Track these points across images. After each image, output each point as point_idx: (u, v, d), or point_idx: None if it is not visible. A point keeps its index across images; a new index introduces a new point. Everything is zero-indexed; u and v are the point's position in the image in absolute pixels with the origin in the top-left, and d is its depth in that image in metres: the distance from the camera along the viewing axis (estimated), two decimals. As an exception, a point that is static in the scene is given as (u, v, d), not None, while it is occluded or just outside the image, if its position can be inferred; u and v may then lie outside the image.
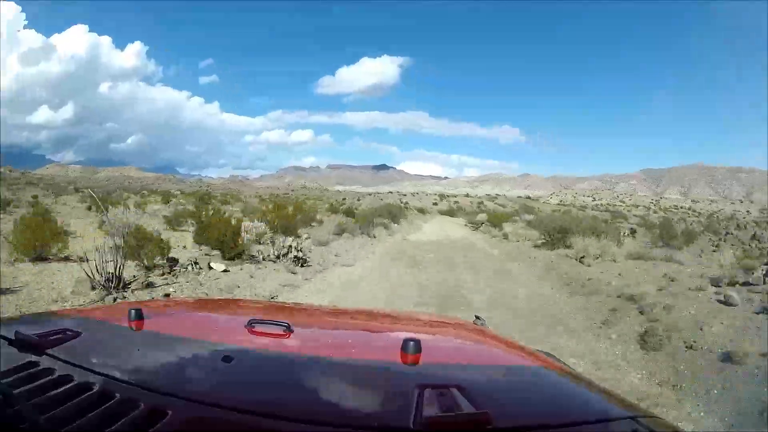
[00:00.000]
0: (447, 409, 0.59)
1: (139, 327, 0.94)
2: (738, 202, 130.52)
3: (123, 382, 0.65)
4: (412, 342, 0.81)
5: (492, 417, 0.56)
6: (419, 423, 0.55)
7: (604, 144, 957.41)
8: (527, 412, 0.68)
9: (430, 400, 0.61)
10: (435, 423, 0.55)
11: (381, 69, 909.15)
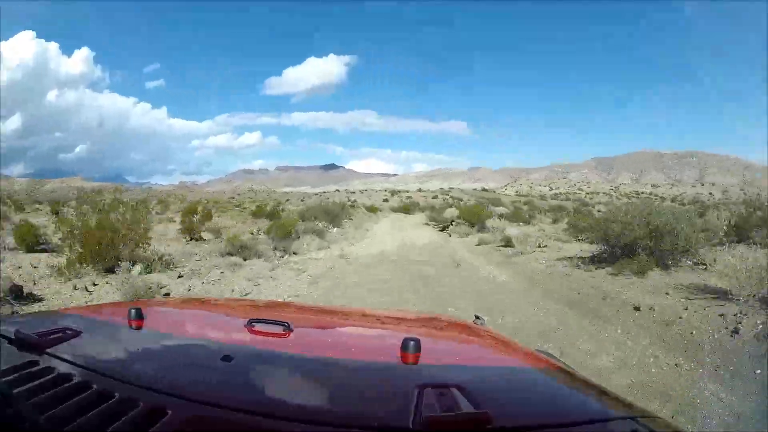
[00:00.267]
0: (447, 409, 0.58)
1: (139, 326, 0.94)
2: (699, 185, 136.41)
3: (123, 381, 0.65)
4: (412, 342, 0.81)
5: (492, 417, 0.56)
6: (419, 423, 0.55)
7: (553, 134, 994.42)
8: (527, 412, 0.68)
9: (429, 400, 0.61)
10: (435, 423, 0.55)
11: (328, 68, 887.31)
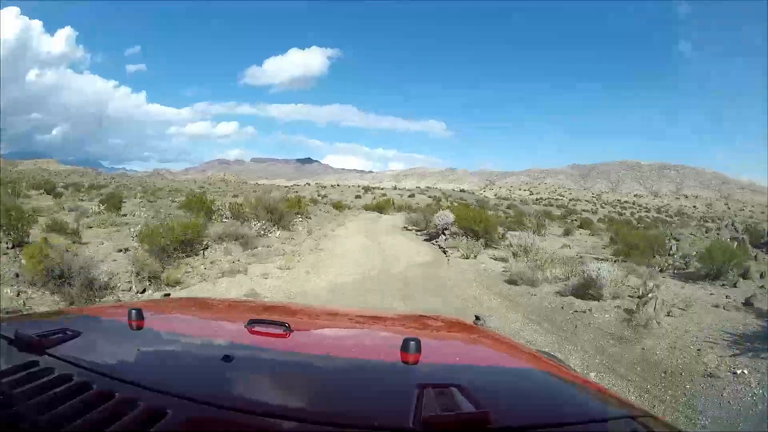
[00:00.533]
0: (447, 409, 0.58)
1: (139, 327, 0.93)
2: (683, 197, 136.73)
3: (123, 381, 0.64)
4: (412, 342, 0.81)
5: (492, 417, 0.56)
6: (419, 422, 0.55)
7: (530, 140, 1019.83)
8: (527, 411, 0.68)
9: (430, 399, 0.61)
10: (435, 423, 0.55)
11: (310, 61, 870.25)
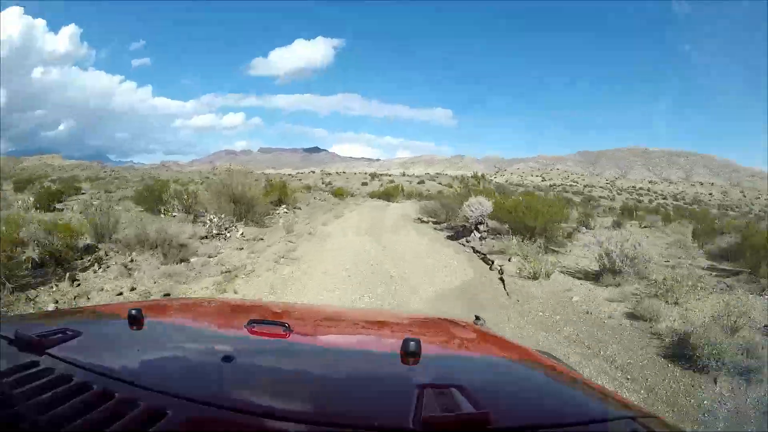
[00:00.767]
0: (447, 410, 0.58)
1: (139, 327, 0.92)
2: (698, 184, 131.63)
3: (123, 381, 0.64)
4: (412, 342, 0.80)
5: (492, 417, 0.56)
6: (419, 423, 0.55)
7: (537, 126, 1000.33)
8: (527, 412, 0.68)
9: (430, 400, 0.61)
10: (435, 423, 0.55)
11: (315, 51, 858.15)
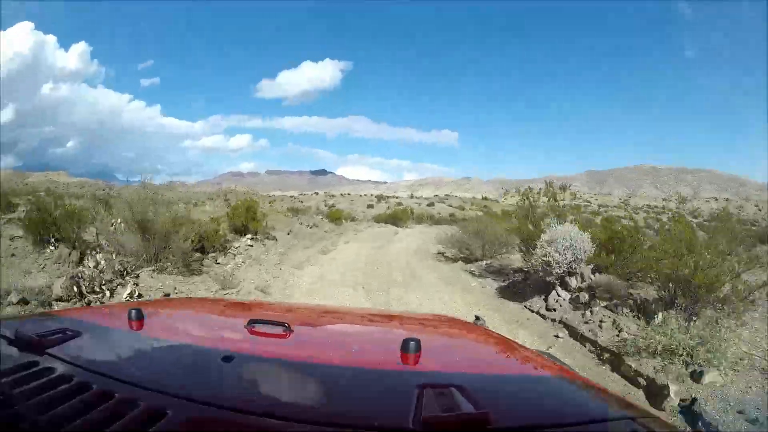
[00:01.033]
0: (447, 410, 0.58)
1: (139, 327, 0.93)
2: (713, 200, 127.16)
3: (123, 381, 0.64)
4: (412, 342, 0.81)
5: (492, 417, 0.56)
6: (419, 423, 0.55)
7: (544, 147, 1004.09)
8: (527, 412, 0.68)
9: (429, 400, 0.61)
10: (435, 423, 0.55)
11: (323, 73, 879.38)
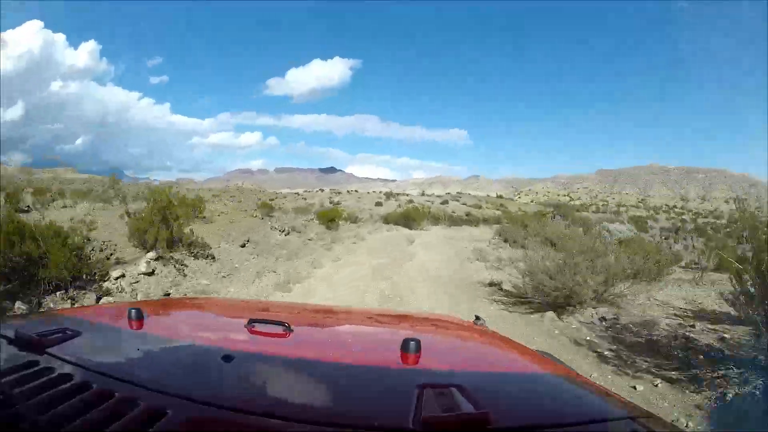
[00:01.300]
0: (447, 409, 0.58)
1: (139, 326, 0.93)
2: (732, 201, 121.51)
3: (123, 381, 0.64)
4: (412, 342, 0.81)
5: (492, 417, 0.56)
6: (419, 423, 0.55)
7: (553, 146, 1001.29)
8: (527, 412, 0.68)
9: (429, 400, 0.61)
10: (435, 423, 0.55)
11: (332, 71, 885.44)
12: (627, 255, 5.31)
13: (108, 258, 5.60)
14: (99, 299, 4.81)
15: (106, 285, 5.05)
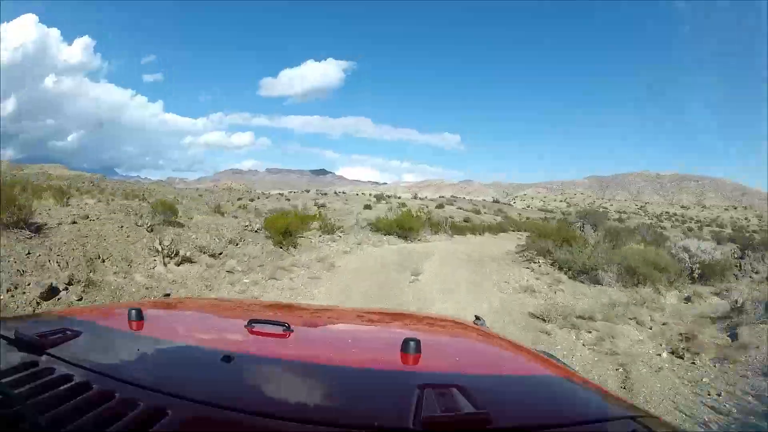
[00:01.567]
0: (447, 409, 0.58)
1: (139, 327, 0.92)
2: (732, 209, 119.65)
3: (123, 381, 0.64)
4: (412, 342, 0.81)
5: (492, 417, 0.56)
6: (419, 423, 0.55)
7: (546, 152, 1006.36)
8: (527, 412, 0.68)
9: (430, 400, 0.61)
10: (435, 423, 0.55)
11: (325, 72, 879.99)
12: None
13: None
14: None
15: None
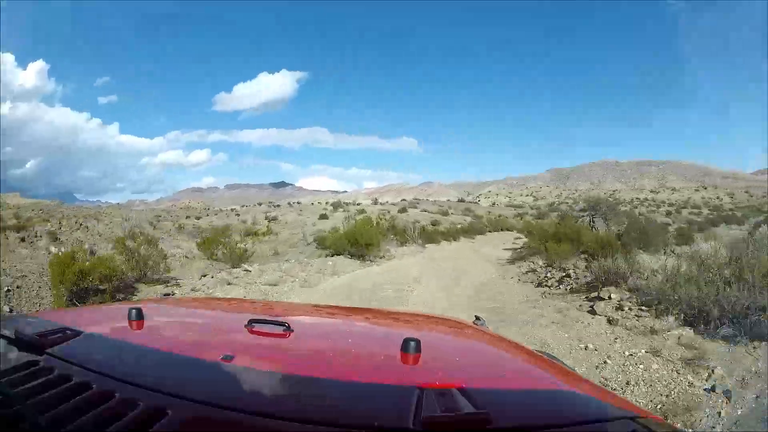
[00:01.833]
0: (447, 410, 0.57)
1: (139, 326, 0.93)
2: (703, 189, 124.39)
3: (123, 381, 0.64)
4: (412, 342, 0.81)
5: (492, 417, 0.55)
6: (419, 423, 0.55)
7: (505, 148, 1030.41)
8: (527, 412, 0.67)
9: (429, 400, 0.60)
10: (435, 423, 0.54)
11: (280, 84, 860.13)
12: None
13: None
14: None
15: None
